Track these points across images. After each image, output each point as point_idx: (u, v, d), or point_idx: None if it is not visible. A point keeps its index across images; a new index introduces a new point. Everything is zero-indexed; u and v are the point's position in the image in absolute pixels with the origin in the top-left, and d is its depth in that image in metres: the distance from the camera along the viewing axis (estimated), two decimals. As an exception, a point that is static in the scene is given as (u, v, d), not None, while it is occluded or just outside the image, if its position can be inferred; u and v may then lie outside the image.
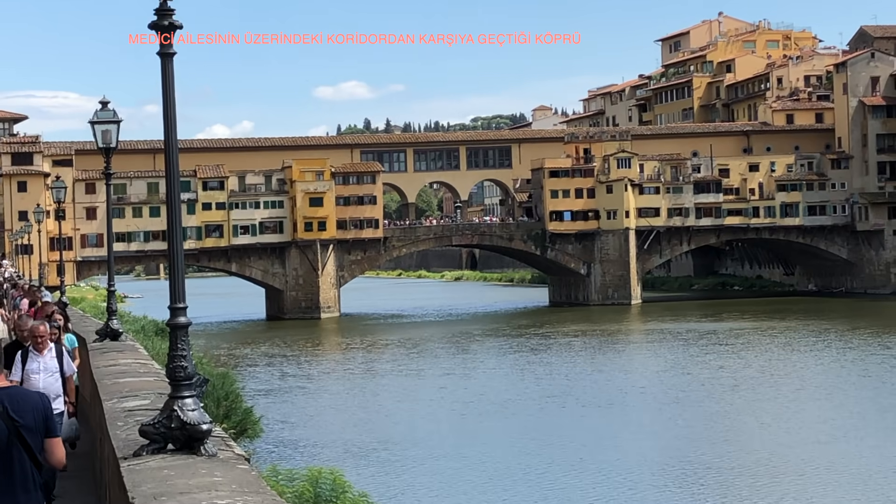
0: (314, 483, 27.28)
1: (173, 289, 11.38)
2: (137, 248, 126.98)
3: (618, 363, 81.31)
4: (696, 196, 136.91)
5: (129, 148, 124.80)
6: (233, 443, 11.74)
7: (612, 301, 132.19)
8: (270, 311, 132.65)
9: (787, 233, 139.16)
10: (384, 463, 46.87)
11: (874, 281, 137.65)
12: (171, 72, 11.41)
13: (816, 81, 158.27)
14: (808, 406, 59.95)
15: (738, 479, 42.96)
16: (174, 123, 11.37)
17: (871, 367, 73.77)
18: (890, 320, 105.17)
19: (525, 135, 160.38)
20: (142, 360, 21.02)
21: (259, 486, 9.34)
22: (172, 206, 11.50)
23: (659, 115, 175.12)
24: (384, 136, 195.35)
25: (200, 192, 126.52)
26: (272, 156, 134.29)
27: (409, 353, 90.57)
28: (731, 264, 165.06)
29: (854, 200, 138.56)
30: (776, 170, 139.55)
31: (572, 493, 40.93)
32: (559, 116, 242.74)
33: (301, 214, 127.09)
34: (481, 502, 40.12)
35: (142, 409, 13.42)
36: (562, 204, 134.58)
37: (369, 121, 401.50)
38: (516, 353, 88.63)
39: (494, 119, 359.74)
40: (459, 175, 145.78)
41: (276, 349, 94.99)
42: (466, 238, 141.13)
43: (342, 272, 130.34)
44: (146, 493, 8.95)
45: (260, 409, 52.41)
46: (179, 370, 11.06)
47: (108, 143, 24.52)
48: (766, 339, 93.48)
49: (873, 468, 44.33)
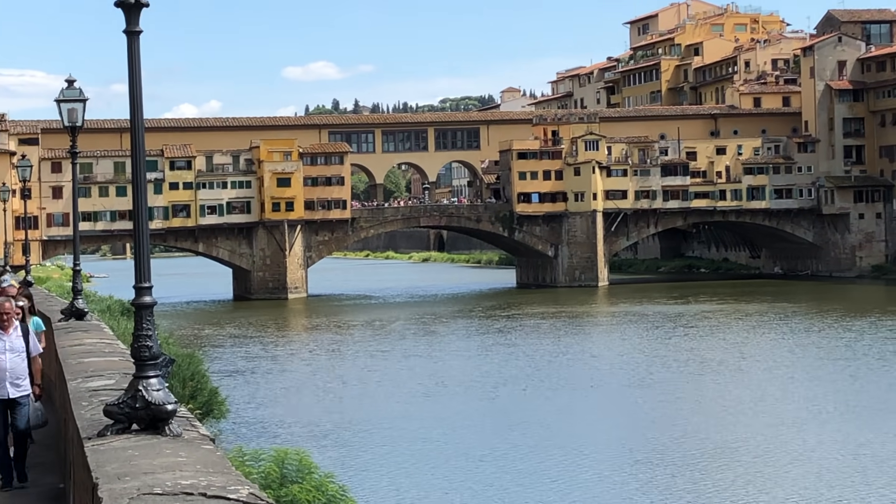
0: (280, 463, 27.25)
1: (138, 268, 11.33)
2: (104, 228, 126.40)
3: (584, 345, 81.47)
4: (664, 179, 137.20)
5: (96, 127, 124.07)
6: (198, 423, 11.70)
7: (580, 283, 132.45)
8: (237, 291, 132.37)
9: (754, 216, 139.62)
10: (350, 444, 46.88)
11: (839, 264, 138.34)
12: (138, 50, 11.33)
13: (784, 65, 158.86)
14: (775, 388, 60.22)
15: (704, 462, 43.14)
16: (140, 102, 11.30)
17: (838, 349, 74.14)
18: (855, 303, 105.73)
19: (493, 116, 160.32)
20: (107, 339, 20.94)
21: (224, 466, 9.31)
22: (138, 186, 11.45)
23: (627, 98, 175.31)
24: (352, 116, 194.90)
25: (167, 171, 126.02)
26: (240, 136, 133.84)
27: (376, 335, 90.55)
28: (697, 247, 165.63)
29: (820, 184, 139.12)
30: (743, 153, 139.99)
31: (538, 475, 41.02)
32: (527, 98, 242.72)
33: (269, 195, 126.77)
34: (447, 483, 40.18)
35: (107, 389, 13.37)
36: (529, 186, 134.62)
37: (338, 101, 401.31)
38: (483, 334, 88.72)
39: (463, 100, 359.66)
40: (427, 156, 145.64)
41: (242, 330, 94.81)
42: (434, 219, 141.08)
43: (310, 253, 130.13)
44: (110, 473, 8.91)
45: (226, 389, 52.33)
46: (144, 350, 11.01)
47: (74, 121, 24.41)
48: (733, 321, 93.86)
49: (838, 450, 44.58)
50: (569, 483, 39.94)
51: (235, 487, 8.46)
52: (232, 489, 8.39)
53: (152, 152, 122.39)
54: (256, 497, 8.24)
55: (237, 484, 8.59)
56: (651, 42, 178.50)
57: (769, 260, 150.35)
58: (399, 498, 38.09)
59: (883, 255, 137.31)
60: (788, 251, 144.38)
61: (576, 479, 40.51)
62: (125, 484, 8.55)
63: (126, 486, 8.49)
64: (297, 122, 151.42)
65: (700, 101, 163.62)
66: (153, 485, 8.46)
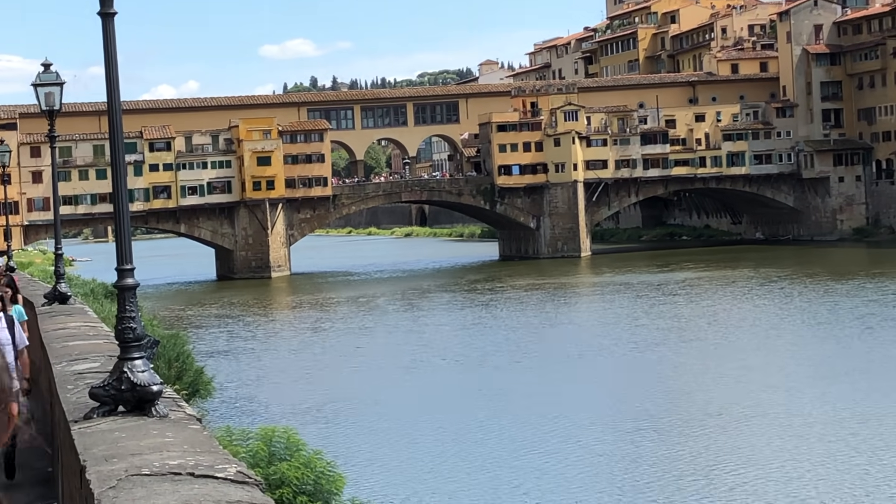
0: (268, 442, 27.31)
1: (120, 250, 11.34)
2: (85, 212, 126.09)
3: (568, 316, 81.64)
4: (643, 147, 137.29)
5: (74, 110, 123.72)
6: (184, 403, 11.74)
7: (562, 254, 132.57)
8: (221, 271, 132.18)
9: (734, 182, 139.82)
10: (338, 420, 46.94)
11: (820, 228, 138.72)
12: (113, 32, 11.32)
13: (760, 30, 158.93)
14: (760, 354, 60.42)
15: (691, 428, 43.29)
16: (117, 84, 11.29)
17: (821, 313, 74.39)
18: (837, 266, 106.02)
19: (472, 90, 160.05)
20: (91, 322, 20.95)
21: (211, 445, 9.34)
22: (117, 168, 11.45)
23: (605, 68, 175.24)
24: (331, 93, 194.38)
25: (147, 153, 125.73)
26: (219, 115, 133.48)
27: (360, 311, 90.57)
28: (678, 214, 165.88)
29: (800, 148, 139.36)
30: (722, 119, 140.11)
31: (524, 447, 41.13)
32: (506, 70, 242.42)
33: (249, 174, 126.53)
34: (433, 457, 40.27)
35: (92, 372, 13.38)
36: (510, 158, 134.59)
37: (316, 79, 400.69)
38: (467, 308, 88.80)
39: (441, 74, 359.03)
40: (407, 131, 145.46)
41: (227, 309, 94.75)
42: (416, 194, 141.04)
43: (292, 231, 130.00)
44: (97, 455, 8.94)
45: (212, 369, 52.35)
46: (128, 332, 11.03)
47: (52, 105, 24.36)
48: (716, 288, 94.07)
49: (823, 412, 44.78)
50: (555, 453, 40.04)
51: (223, 466, 8.49)
52: (220, 468, 8.42)
53: (131, 134, 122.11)
54: (244, 475, 8.27)
55: (225, 463, 8.62)
56: (627, 11, 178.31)
57: (750, 226, 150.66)
58: (387, 473, 38.18)
59: (863, 217, 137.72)
60: (769, 216, 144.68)
61: (562, 448, 40.61)
62: (113, 466, 8.58)
63: (114, 467, 8.52)
64: (275, 101, 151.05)
65: (678, 69, 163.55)
66: (141, 466, 8.49)
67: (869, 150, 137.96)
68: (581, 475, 37.27)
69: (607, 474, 37.41)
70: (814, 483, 35.36)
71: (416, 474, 38.08)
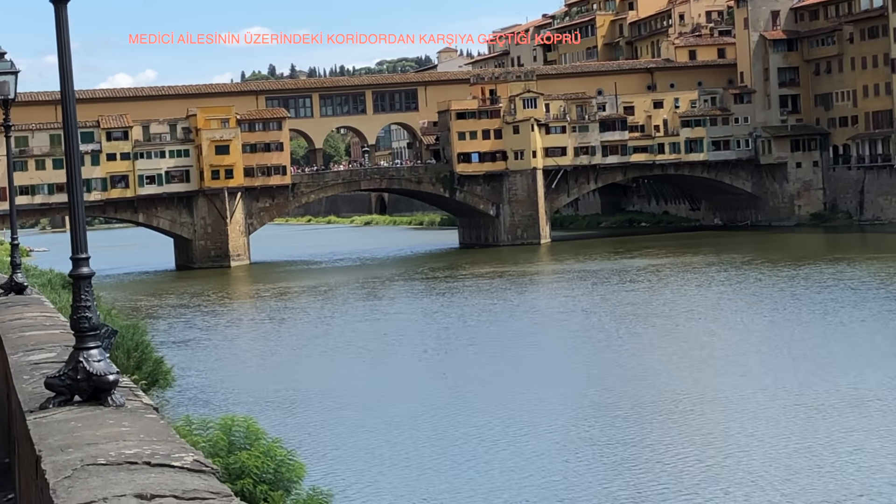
0: (228, 431, 27.28)
1: (75, 239, 11.25)
2: (42, 201, 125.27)
3: (528, 304, 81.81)
4: (602, 134, 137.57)
5: (30, 100, 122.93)
6: (141, 392, 11.68)
7: (522, 241, 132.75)
8: (180, 260, 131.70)
9: (693, 168, 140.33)
10: (297, 409, 46.93)
11: (778, 213, 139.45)
12: (66, 19, 11.21)
13: (718, 17, 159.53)
14: (717, 339, 60.75)
15: (650, 413, 43.49)
16: (70, 73, 11.20)
17: (779, 298, 74.80)
18: (794, 252, 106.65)
19: (431, 77, 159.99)
20: (47, 313, 20.82)
21: (168, 434, 9.30)
22: (71, 156, 11.36)
23: (563, 55, 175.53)
24: (289, 81, 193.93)
25: (104, 142, 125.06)
26: (176, 104, 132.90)
27: (320, 300, 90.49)
28: (637, 201, 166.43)
29: (757, 134, 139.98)
30: (680, 106, 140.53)
31: (484, 435, 41.22)
32: (465, 58, 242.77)
33: (207, 163, 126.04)
34: (393, 445, 40.30)
35: (48, 362, 13.30)
36: (469, 146, 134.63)
37: (274, 67, 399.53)
38: (427, 296, 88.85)
39: (400, 62, 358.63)
40: (366, 119, 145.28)
41: (186, 299, 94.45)
42: (375, 182, 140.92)
43: (251, 220, 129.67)
44: (53, 445, 8.89)
45: (172, 359, 52.21)
46: (84, 321, 10.95)
47: (6, 94, 24.18)
48: (675, 274, 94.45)
49: (780, 397, 45.06)
50: (514, 440, 40.14)
51: (180, 455, 8.45)
52: (176, 457, 8.39)
53: (88, 123, 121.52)
54: (201, 464, 8.24)
55: (181, 452, 8.59)
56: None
57: (709, 212, 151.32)
58: (347, 461, 38.19)
59: (821, 202, 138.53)
60: (728, 202, 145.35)
61: (521, 435, 40.71)
62: (68, 455, 8.52)
63: (69, 457, 8.47)
64: (233, 89, 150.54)
65: (636, 56, 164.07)
66: (96, 455, 8.44)
67: (826, 135, 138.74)
68: (539, 460, 37.37)
69: (565, 459, 37.53)
70: (767, 465, 35.58)
71: (376, 462, 38.10)
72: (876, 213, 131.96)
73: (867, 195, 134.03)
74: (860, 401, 43.48)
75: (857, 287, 77.67)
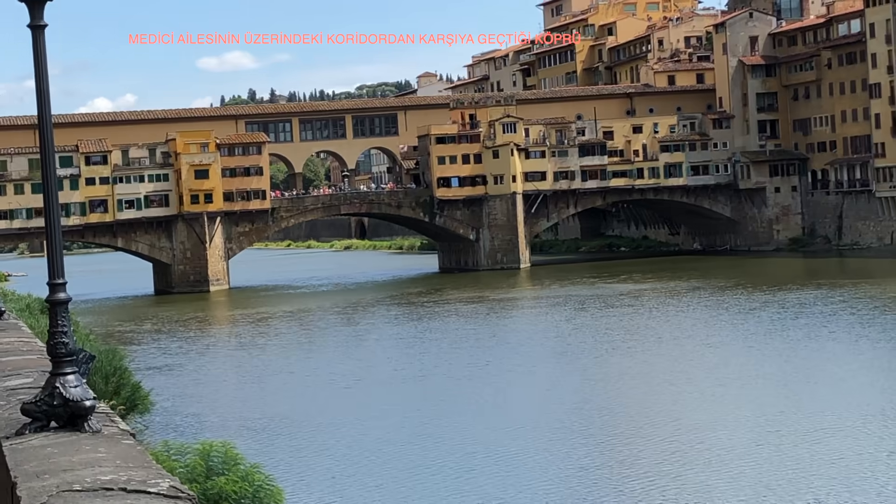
0: (206, 456, 27.18)
1: (52, 264, 11.24)
2: (20, 226, 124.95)
3: (508, 329, 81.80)
4: (582, 159, 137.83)
5: (9, 124, 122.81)
6: (118, 418, 11.64)
7: (501, 266, 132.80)
8: (159, 285, 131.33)
9: (672, 193, 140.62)
10: (276, 435, 46.79)
11: (757, 238, 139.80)
12: (43, 45, 11.21)
13: (697, 42, 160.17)
14: (696, 364, 60.81)
15: (629, 437, 43.49)
16: (48, 98, 11.20)
17: (757, 323, 74.94)
18: (773, 277, 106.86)
19: (411, 102, 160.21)
20: (25, 338, 20.76)
21: (144, 460, 9.27)
22: (48, 181, 11.35)
23: (543, 80, 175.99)
24: (269, 106, 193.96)
25: (83, 167, 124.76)
26: (156, 129, 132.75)
27: (299, 325, 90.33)
28: (617, 225, 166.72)
29: (736, 159, 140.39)
30: (659, 131, 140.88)
31: (463, 459, 41.17)
32: (444, 83, 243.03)
33: (187, 187, 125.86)
34: (371, 470, 40.22)
35: (24, 388, 13.26)
36: (449, 170, 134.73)
37: (254, 91, 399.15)
38: (406, 322, 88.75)
39: (380, 87, 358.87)
40: (346, 144, 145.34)
41: (165, 324, 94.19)
42: (355, 207, 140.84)
43: (230, 244, 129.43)
44: (29, 471, 8.85)
45: (150, 384, 51.97)
46: (60, 346, 10.92)
47: (-16, 119, 24.10)
48: (654, 299, 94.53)
49: (758, 420, 45.14)
50: (493, 464, 40.10)
51: (156, 481, 8.43)
52: (152, 482, 8.37)
53: (67, 148, 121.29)
54: (177, 490, 8.22)
55: (158, 477, 8.57)
56: (565, 23, 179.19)
57: (688, 236, 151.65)
58: (325, 486, 38.10)
59: (799, 227, 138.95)
60: (707, 227, 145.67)
61: (500, 459, 40.67)
62: (44, 482, 8.50)
63: (45, 483, 8.44)
64: (213, 113, 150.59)
65: (615, 81, 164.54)
66: (72, 482, 8.41)
67: (804, 160, 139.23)
68: (518, 484, 37.32)
69: (545, 484, 37.48)
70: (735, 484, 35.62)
71: (354, 488, 38.00)
72: (854, 238, 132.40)
73: (846, 220, 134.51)
74: (842, 423, 43.56)
75: (835, 311, 77.83)
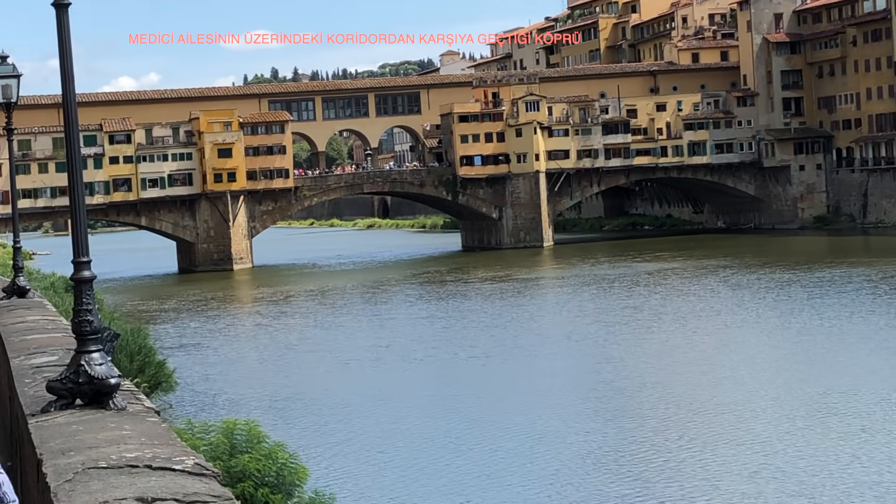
0: (229, 434, 27.22)
1: (76, 243, 11.27)
2: (44, 205, 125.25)
3: (532, 308, 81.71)
4: (605, 137, 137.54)
5: (33, 103, 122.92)
6: (143, 396, 11.69)
7: (525, 244, 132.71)
8: (182, 264, 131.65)
9: (696, 171, 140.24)
10: (300, 413, 46.89)
11: (782, 216, 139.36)
12: (67, 23, 11.23)
13: (721, 19, 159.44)
14: (724, 345, 60.69)
15: (655, 419, 43.44)
16: (72, 76, 11.22)
17: (784, 302, 74.73)
18: (799, 255, 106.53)
19: (433, 80, 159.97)
20: (49, 316, 20.84)
21: (169, 437, 9.31)
22: (72, 159, 11.38)
23: (566, 58, 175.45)
24: (292, 84, 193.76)
25: (107, 145, 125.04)
26: (179, 107, 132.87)
27: (323, 304, 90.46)
28: (640, 204, 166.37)
29: (760, 137, 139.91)
30: (683, 109, 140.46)
31: (486, 438, 41.18)
32: (467, 61, 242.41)
33: (210, 166, 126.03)
34: (396, 448, 40.27)
35: (50, 366, 13.31)
36: (472, 149, 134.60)
37: (276, 70, 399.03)
38: (430, 301, 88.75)
39: (402, 65, 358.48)
40: (369, 122, 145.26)
41: (189, 303, 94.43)
42: (378, 185, 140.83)
43: (253, 223, 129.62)
44: (54, 448, 8.89)
45: (174, 362, 52.13)
46: (85, 325, 10.95)
47: (9, 97, 24.19)
48: (680, 278, 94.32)
49: (784, 402, 45.03)
50: (516, 444, 40.10)
51: (181, 458, 8.46)
52: (177, 460, 8.40)
53: (91, 127, 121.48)
54: (202, 467, 8.24)
55: (182, 455, 8.59)
56: (588, 1, 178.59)
57: (712, 214, 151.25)
58: (350, 464, 38.16)
59: (824, 205, 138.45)
60: (731, 205, 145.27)
61: (523, 438, 40.66)
62: (69, 459, 8.53)
63: (70, 461, 8.48)
64: (236, 92, 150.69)
65: (639, 59, 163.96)
66: (98, 459, 8.44)
67: (829, 138, 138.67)
68: (540, 464, 37.33)
69: (570, 465, 37.48)
70: (771, 471, 35.55)
71: (379, 466, 38.07)
72: (879, 216, 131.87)
73: (871, 198, 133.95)
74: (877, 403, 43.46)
75: (865, 289, 77.50)
